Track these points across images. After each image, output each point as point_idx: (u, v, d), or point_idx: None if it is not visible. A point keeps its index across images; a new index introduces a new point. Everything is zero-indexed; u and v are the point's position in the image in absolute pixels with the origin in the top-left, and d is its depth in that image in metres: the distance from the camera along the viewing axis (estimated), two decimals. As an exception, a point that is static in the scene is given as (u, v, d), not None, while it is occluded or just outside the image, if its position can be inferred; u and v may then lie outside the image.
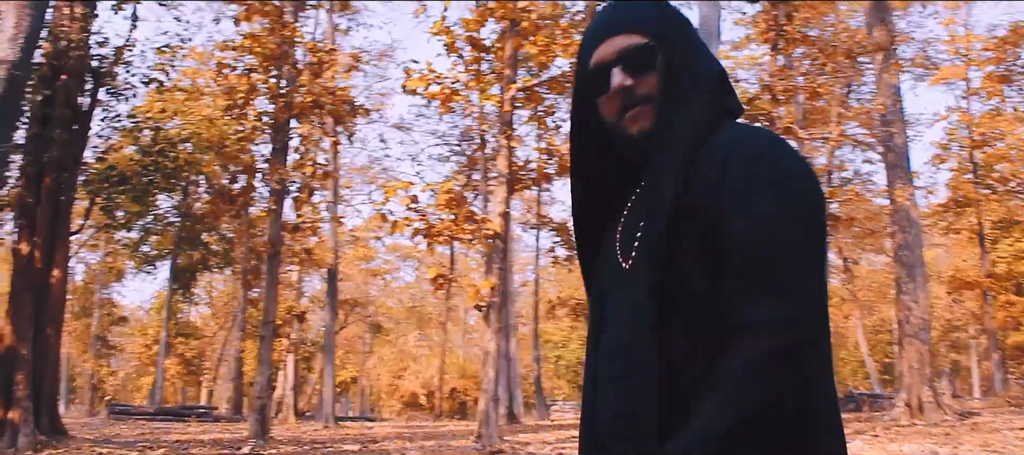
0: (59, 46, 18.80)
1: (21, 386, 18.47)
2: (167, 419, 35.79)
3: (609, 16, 1.87)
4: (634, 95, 1.78)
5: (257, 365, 23.81)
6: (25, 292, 19.27)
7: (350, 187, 45.80)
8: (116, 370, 65.82)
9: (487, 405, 20.05)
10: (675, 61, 1.80)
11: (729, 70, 30.81)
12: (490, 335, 20.43)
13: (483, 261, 29.77)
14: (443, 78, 19.88)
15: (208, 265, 46.58)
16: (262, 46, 22.48)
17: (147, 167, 21.43)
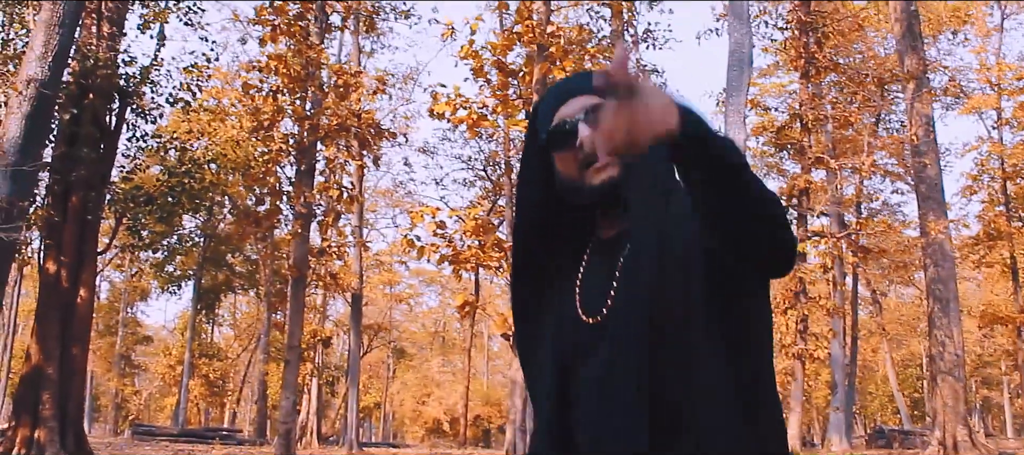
0: (87, 65, 18.83)
1: (47, 405, 18.44)
2: (191, 441, 35.72)
3: (569, 83, 1.96)
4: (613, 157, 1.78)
5: (281, 389, 23.68)
6: (52, 311, 19.26)
7: (375, 211, 45.79)
8: (140, 390, 65.97)
9: (514, 435, 19.88)
10: None
11: (757, 97, 30.74)
12: (517, 365, 20.26)
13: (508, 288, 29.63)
14: (470, 103, 19.81)
15: (232, 287, 46.65)
16: (287, 67, 22.47)
17: (173, 188, 21.40)
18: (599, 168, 1.85)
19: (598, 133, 1.63)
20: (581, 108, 1.86)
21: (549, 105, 1.94)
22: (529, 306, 2.06)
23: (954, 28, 34.29)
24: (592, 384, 1.87)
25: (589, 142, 1.82)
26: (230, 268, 45.33)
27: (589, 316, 1.90)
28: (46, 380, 18.57)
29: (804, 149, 23.16)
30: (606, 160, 1.82)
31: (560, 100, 1.92)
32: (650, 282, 1.78)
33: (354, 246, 34.05)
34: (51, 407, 18.39)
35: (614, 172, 1.85)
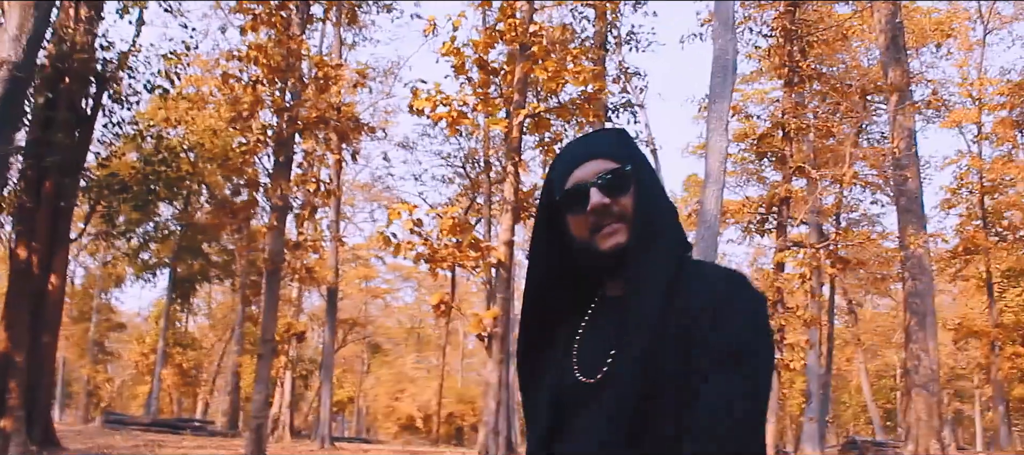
0: (63, 48, 18.56)
1: (14, 394, 18.17)
2: (162, 431, 35.38)
3: (584, 145, 2.05)
4: (610, 213, 1.93)
5: (254, 383, 23.47)
6: (22, 298, 18.98)
7: (352, 205, 45.56)
8: (112, 377, 65.45)
9: (487, 437, 19.73)
10: (649, 188, 1.99)
11: (740, 104, 30.67)
12: (491, 366, 20.11)
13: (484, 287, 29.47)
14: (451, 100, 19.63)
15: (208, 276, 46.31)
16: (268, 57, 22.25)
17: (148, 175, 21.14)
18: (609, 233, 1.94)
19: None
20: (595, 173, 1.96)
21: (565, 164, 2.03)
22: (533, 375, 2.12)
23: (938, 41, 34.34)
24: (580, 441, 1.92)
25: (600, 208, 1.93)
26: (206, 257, 44.99)
27: (585, 376, 1.96)
28: (14, 368, 18.29)
29: (785, 158, 23.10)
30: (616, 227, 1.94)
31: (576, 161, 2.01)
32: (642, 356, 1.83)
33: (330, 240, 33.83)
34: (18, 396, 18.12)
35: (622, 239, 1.93)
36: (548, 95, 22.22)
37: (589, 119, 21.29)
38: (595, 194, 1.93)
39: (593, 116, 21.07)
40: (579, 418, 1.94)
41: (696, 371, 1.79)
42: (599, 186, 1.94)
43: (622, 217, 1.94)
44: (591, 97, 20.32)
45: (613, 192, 1.94)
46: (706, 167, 15.79)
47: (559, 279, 2.06)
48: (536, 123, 21.42)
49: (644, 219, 1.95)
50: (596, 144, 2.04)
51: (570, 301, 2.06)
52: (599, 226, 1.94)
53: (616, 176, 1.96)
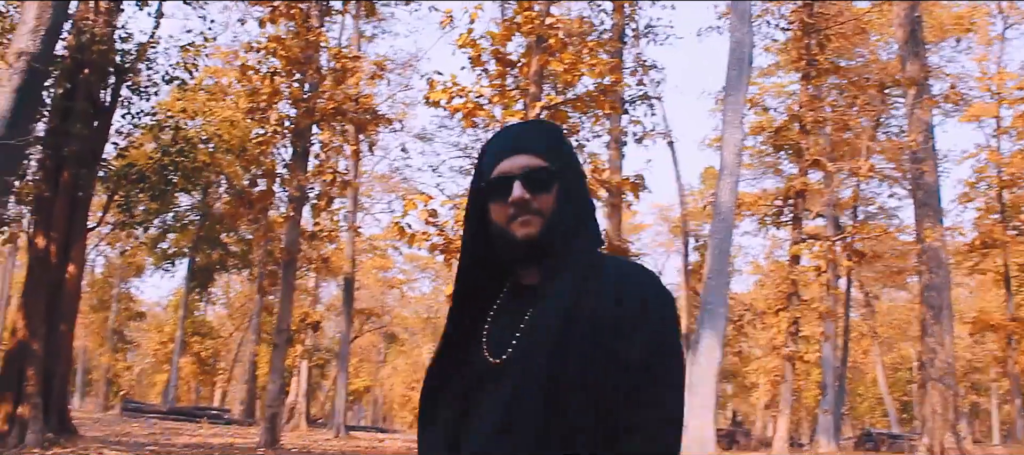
0: (82, 40, 18.65)
1: (32, 382, 18.27)
2: (179, 419, 35.65)
3: (515, 137, 2.12)
4: (529, 207, 2.01)
5: (270, 372, 23.63)
6: (40, 287, 19.08)
7: (370, 196, 45.64)
8: (132, 365, 65.83)
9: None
10: (570, 188, 2.08)
11: (757, 97, 30.58)
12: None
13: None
14: (467, 91, 19.64)
15: (226, 266, 46.50)
16: (286, 49, 22.34)
17: (165, 166, 21.24)
18: (523, 223, 2.01)
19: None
20: (521, 167, 2.03)
21: (494, 152, 2.10)
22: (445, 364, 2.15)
23: (957, 35, 34.12)
24: (485, 421, 1.99)
25: (520, 201, 2.01)
26: (224, 247, 45.16)
27: (493, 356, 2.03)
28: (31, 356, 18.38)
29: (801, 151, 23.02)
30: (530, 218, 2.01)
31: (505, 151, 2.08)
32: (552, 336, 1.92)
33: (347, 231, 33.92)
34: (35, 384, 18.21)
35: (533, 230, 2.01)
36: (565, 87, 22.21)
37: (605, 111, 21.31)
38: (517, 188, 2.01)
39: (609, 108, 21.08)
40: (483, 399, 2.01)
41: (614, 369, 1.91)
42: (522, 180, 2.02)
43: (539, 212, 2.01)
44: (607, 89, 20.28)
45: (535, 188, 2.02)
46: (721, 159, 15.80)
47: (482, 266, 2.12)
48: (553, 115, 21.41)
49: (559, 217, 2.03)
50: (527, 138, 2.10)
51: (491, 289, 2.13)
52: (515, 216, 2.01)
53: (540, 173, 2.03)
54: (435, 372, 2.17)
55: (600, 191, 22.22)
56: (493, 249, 2.10)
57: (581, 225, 2.08)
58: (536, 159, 2.05)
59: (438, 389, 2.15)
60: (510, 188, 2.03)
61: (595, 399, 1.90)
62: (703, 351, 15.08)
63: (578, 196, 2.10)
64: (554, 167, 2.06)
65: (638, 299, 1.98)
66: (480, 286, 2.14)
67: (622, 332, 1.93)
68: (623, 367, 1.91)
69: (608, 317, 1.94)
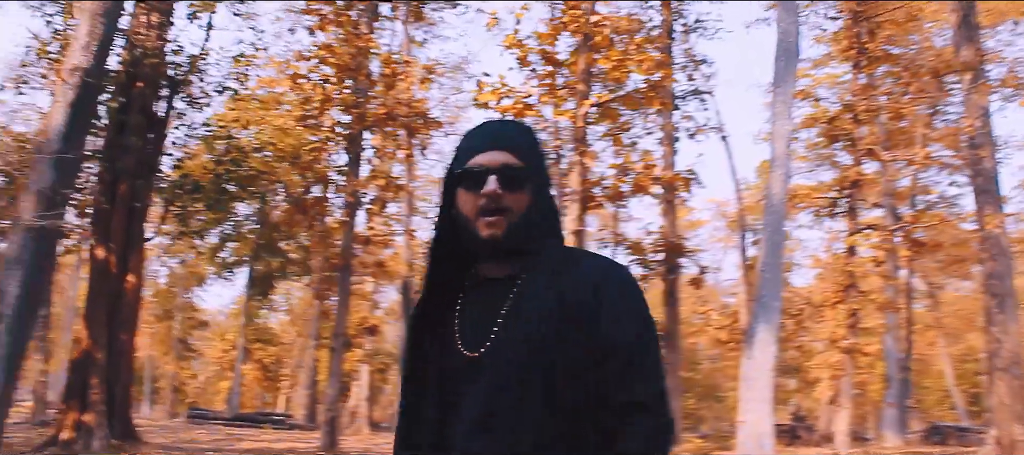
0: (135, 54, 19.00)
1: (95, 390, 18.70)
2: (243, 425, 36.07)
3: (494, 133, 2.17)
4: (499, 204, 2.06)
5: (329, 376, 23.85)
6: (100, 298, 19.52)
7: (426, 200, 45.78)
8: (197, 373, 66.76)
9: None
10: (541, 190, 2.15)
11: (810, 89, 30.20)
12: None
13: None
14: (515, 92, 19.67)
15: (286, 273, 46.97)
16: (337, 56, 22.53)
17: (220, 175, 21.57)
18: (488, 223, 2.07)
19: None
20: (498, 162, 2.09)
21: (472, 143, 2.16)
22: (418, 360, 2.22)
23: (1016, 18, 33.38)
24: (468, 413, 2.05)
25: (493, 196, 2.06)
26: (284, 255, 45.63)
27: (469, 350, 2.09)
28: (94, 365, 18.83)
29: (855, 140, 22.69)
30: (496, 219, 2.07)
31: (484, 144, 2.14)
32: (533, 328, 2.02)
33: (402, 234, 34.05)
34: (99, 392, 18.66)
35: (499, 232, 2.07)
36: (614, 84, 22.13)
37: (655, 107, 21.23)
38: (492, 182, 2.06)
39: (659, 104, 20.99)
40: (463, 391, 2.07)
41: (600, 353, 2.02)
42: (498, 176, 2.07)
43: (507, 211, 2.07)
44: (656, 85, 20.21)
45: (509, 186, 2.07)
46: (771, 152, 15.62)
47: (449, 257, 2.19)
48: (602, 113, 21.37)
49: (527, 217, 2.09)
50: (505, 135, 2.15)
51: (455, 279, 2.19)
52: (485, 210, 2.07)
53: (516, 171, 2.09)
54: (408, 364, 2.23)
55: (652, 187, 22.10)
56: (458, 240, 2.15)
57: (549, 225, 2.16)
58: (513, 158, 2.10)
59: (414, 381, 2.20)
60: (483, 180, 2.08)
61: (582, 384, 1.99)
62: (758, 346, 14.92)
63: (547, 198, 2.17)
64: (529, 168, 2.12)
65: (615, 286, 2.07)
66: (448, 277, 2.19)
67: (604, 318, 2.02)
68: (610, 350, 2.01)
69: (588, 305, 2.03)
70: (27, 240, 13.29)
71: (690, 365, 61.15)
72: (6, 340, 13.00)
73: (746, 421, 14.91)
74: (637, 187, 21.13)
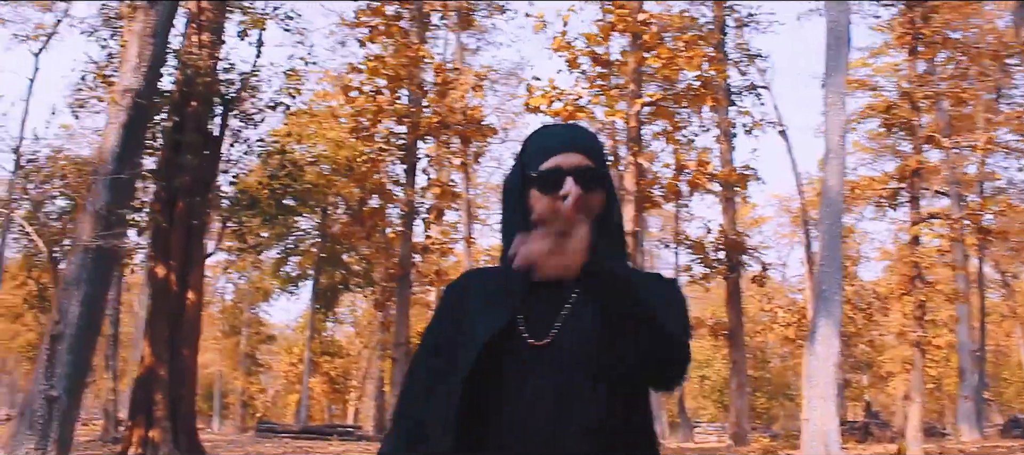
0: (187, 73, 19.23)
1: (160, 406, 18.98)
2: (311, 437, 36.33)
3: (569, 135, 2.20)
4: (580, 205, 2.06)
5: (391, 386, 23.92)
6: (162, 315, 19.80)
7: (485, 207, 45.87)
8: (265, 387, 67.48)
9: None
10: (612, 194, 2.19)
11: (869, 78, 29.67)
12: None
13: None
14: (566, 94, 19.59)
15: (348, 285, 47.28)
16: (390, 68, 22.63)
17: (275, 190, 21.75)
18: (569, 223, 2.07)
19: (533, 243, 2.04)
20: (575, 165, 2.11)
21: (546, 144, 2.18)
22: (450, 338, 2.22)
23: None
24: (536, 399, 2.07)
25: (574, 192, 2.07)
26: (346, 267, 45.94)
27: (534, 338, 2.11)
28: (158, 381, 19.10)
29: (914, 128, 22.20)
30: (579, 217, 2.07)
31: (559, 146, 2.15)
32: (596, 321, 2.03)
33: (461, 242, 34.12)
34: (163, 407, 18.91)
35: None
36: (667, 83, 21.94)
37: (708, 104, 21.01)
38: (570, 183, 2.07)
39: (712, 100, 20.77)
40: (527, 378, 2.10)
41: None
42: (577, 177, 2.08)
43: (588, 211, 2.09)
44: (707, 81, 20.00)
45: (588, 186, 2.09)
46: (826, 143, 15.36)
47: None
48: (655, 111, 21.20)
49: (606, 218, 2.14)
50: (580, 138, 2.19)
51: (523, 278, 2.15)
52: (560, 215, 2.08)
53: (592, 172, 2.12)
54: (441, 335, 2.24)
55: (708, 185, 21.87)
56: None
57: (619, 234, 2.20)
58: (588, 160, 2.13)
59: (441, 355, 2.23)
60: (560, 182, 2.10)
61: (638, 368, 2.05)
62: (820, 341, 14.66)
63: (617, 205, 2.22)
64: (603, 170, 2.17)
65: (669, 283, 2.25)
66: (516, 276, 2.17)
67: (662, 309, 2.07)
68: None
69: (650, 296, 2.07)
70: (85, 260, 13.50)
71: (760, 364, 60.45)
72: (67, 358, 13.20)
73: (810, 419, 14.66)
74: (693, 185, 20.93)
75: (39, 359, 13.60)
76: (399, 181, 24.47)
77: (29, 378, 18.92)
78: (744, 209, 57.09)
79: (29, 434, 12.86)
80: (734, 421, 27.50)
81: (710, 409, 64.69)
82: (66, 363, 13.14)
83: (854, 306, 30.91)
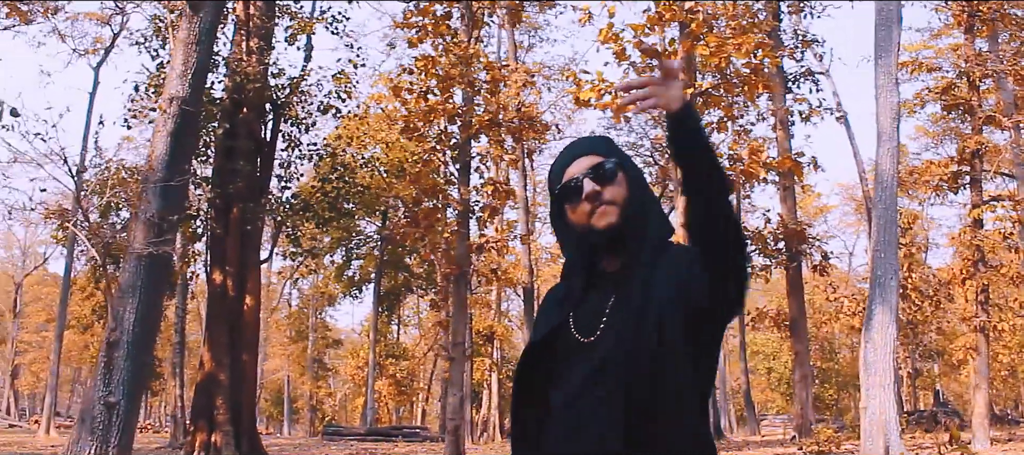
0: (237, 80, 19.43)
1: (221, 410, 19.21)
2: (377, 439, 36.62)
3: (572, 148, 2.43)
4: (601, 198, 2.30)
5: (448, 386, 23.94)
6: (220, 320, 20.04)
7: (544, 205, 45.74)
8: (333, 391, 68.08)
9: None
10: (634, 179, 2.37)
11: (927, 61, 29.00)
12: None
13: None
14: (614, 87, 19.41)
15: (411, 287, 47.48)
16: (438, 65, 22.62)
17: (327, 193, 21.88)
18: (602, 214, 2.31)
19: (643, 88, 2.24)
20: (585, 167, 2.34)
21: (559, 166, 2.42)
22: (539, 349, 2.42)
23: None
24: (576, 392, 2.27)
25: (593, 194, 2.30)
26: (407, 270, 46.17)
27: (582, 336, 2.31)
28: (219, 386, 19.34)
29: (974, 109, 21.67)
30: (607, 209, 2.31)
31: (568, 161, 2.40)
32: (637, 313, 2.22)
33: (519, 240, 34.08)
34: (225, 411, 19.15)
35: (614, 219, 2.30)
36: (716, 72, 21.66)
37: (760, 91, 20.68)
38: (587, 183, 2.31)
39: (764, 87, 20.45)
40: (571, 370, 2.31)
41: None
42: (590, 177, 2.32)
43: (613, 201, 2.31)
44: (757, 68, 19.68)
45: (602, 180, 2.31)
46: (877, 126, 15.06)
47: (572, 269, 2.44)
48: (706, 100, 20.95)
49: (634, 203, 2.32)
50: (582, 145, 2.43)
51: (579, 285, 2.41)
52: (593, 210, 2.31)
53: (603, 167, 2.33)
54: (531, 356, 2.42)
55: (762, 174, 21.55)
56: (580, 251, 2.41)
57: (650, 214, 2.36)
58: (595, 157, 2.35)
59: (532, 369, 2.41)
60: (581, 188, 2.33)
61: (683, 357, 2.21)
62: (876, 327, 14.39)
63: (643, 187, 2.41)
64: (613, 161, 2.36)
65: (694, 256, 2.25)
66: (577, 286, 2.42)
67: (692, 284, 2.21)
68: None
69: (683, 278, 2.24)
70: (138, 267, 13.70)
71: (828, 355, 59.59)
72: (125, 364, 13.40)
73: (869, 407, 14.38)
74: (746, 174, 20.64)
75: (97, 366, 13.82)
76: (453, 180, 24.46)
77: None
78: (808, 198, 56.40)
79: (90, 440, 13.05)
80: (798, 412, 27.09)
81: (778, 401, 63.95)
82: (124, 369, 13.33)
83: (921, 293, 30.30)
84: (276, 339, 63.99)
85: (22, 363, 65.84)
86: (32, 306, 67.58)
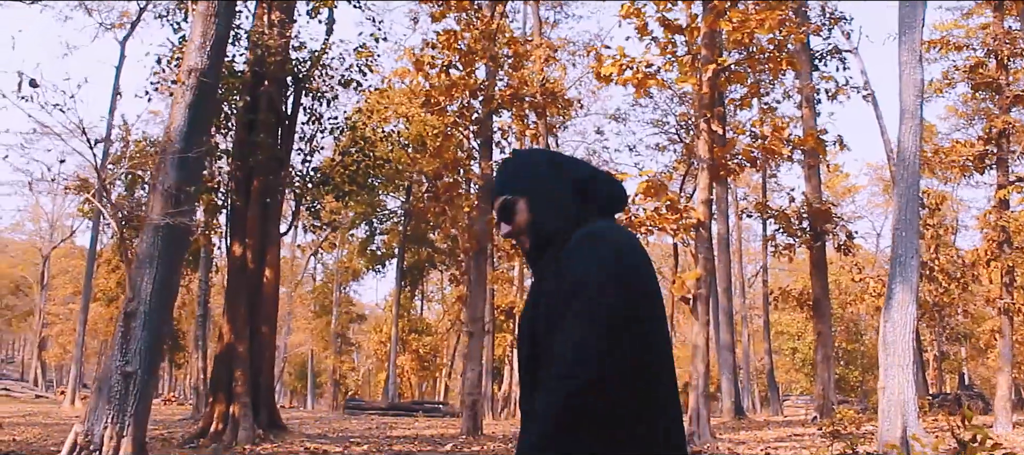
0: (259, 53, 19.40)
1: (239, 382, 19.26)
2: (398, 414, 36.75)
3: (494, 181, 2.77)
4: (512, 234, 2.65)
5: (467, 361, 23.96)
6: (239, 293, 20.08)
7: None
8: (357, 366, 68.37)
9: (697, 401, 19.22)
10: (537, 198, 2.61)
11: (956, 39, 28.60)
12: (697, 328, 19.67)
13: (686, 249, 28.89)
14: (635, 62, 19.25)
15: (434, 263, 47.50)
16: (461, 40, 22.55)
17: (347, 166, 21.86)
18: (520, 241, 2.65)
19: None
20: (495, 209, 2.67)
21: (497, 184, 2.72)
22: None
23: None
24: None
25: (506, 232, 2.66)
26: (431, 245, 46.19)
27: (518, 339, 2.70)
28: (237, 358, 19.39)
29: (1001, 88, 21.36)
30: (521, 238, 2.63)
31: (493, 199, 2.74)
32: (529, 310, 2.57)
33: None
34: (243, 384, 19.19)
35: (527, 244, 2.63)
36: (740, 48, 21.43)
37: (783, 68, 20.46)
38: (503, 227, 2.67)
39: (788, 64, 20.23)
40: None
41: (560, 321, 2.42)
42: (501, 219, 2.66)
43: (520, 230, 2.62)
44: (781, 45, 19.48)
45: (506, 218, 2.64)
46: (900, 103, 14.86)
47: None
48: (728, 76, 20.76)
49: (537, 223, 2.59)
50: (497, 180, 2.72)
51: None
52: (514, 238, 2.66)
53: (504, 207, 2.64)
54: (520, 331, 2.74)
55: (784, 152, 21.33)
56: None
57: (555, 227, 2.57)
58: (502, 197, 2.65)
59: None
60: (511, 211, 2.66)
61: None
62: (896, 306, 14.22)
63: (545, 204, 2.61)
64: (511, 196, 2.63)
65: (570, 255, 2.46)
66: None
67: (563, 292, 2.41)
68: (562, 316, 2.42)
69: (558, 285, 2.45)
70: (156, 238, 13.73)
71: (853, 336, 59.21)
72: (142, 335, 13.44)
73: (887, 387, 14.23)
74: (768, 152, 20.44)
75: (115, 335, 13.87)
76: (474, 155, 24.40)
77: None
78: (837, 178, 55.97)
79: (107, 408, 13.11)
80: (820, 393, 26.93)
81: (802, 382, 63.64)
82: (140, 339, 13.36)
83: (948, 275, 30.00)
84: (300, 313, 64.31)
85: (49, 335, 66.48)
86: (59, 278, 68.26)
